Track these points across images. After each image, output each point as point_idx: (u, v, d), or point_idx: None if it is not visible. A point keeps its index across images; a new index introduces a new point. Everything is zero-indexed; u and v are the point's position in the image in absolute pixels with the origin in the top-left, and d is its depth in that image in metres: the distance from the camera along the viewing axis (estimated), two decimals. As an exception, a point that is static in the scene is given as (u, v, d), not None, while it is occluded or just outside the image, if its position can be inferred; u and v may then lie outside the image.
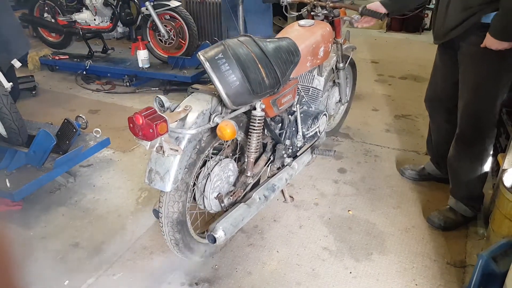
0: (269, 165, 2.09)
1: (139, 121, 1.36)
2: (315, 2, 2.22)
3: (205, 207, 1.79)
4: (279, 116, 2.04)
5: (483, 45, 1.72)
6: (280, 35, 2.03)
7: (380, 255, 1.96)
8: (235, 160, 1.90)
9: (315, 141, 2.35)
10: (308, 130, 2.18)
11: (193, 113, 1.54)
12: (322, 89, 2.32)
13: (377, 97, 3.76)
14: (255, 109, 1.73)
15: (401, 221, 2.17)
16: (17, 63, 2.83)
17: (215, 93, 1.60)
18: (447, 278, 1.82)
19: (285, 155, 2.10)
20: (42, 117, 3.38)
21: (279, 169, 2.10)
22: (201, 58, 1.51)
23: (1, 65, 2.64)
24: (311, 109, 2.31)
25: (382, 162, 2.72)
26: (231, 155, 1.91)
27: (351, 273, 1.86)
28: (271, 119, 2.01)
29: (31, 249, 2.03)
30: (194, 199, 1.77)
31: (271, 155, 2.07)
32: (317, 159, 2.47)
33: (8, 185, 2.17)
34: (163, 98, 1.56)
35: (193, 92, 1.66)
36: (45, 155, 2.30)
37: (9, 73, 2.87)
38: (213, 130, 1.61)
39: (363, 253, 1.97)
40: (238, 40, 1.63)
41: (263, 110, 1.74)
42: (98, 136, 2.64)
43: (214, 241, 1.62)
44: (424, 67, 4.38)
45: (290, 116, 2.12)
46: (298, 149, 2.21)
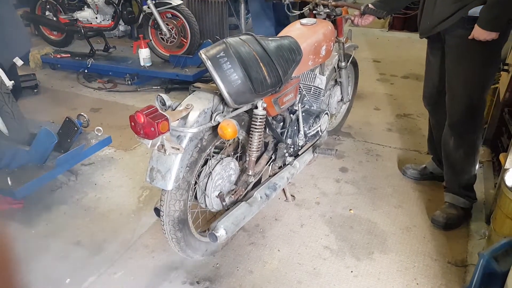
0: (270, 164, 2.08)
1: (140, 119, 1.36)
2: (317, 0, 2.22)
3: (206, 206, 1.79)
4: (280, 115, 2.04)
5: (471, 37, 1.76)
6: (282, 33, 2.03)
7: (381, 254, 1.96)
8: (236, 158, 1.89)
9: (317, 140, 2.35)
10: (309, 129, 2.18)
11: (194, 111, 1.54)
12: (324, 88, 2.32)
13: (379, 96, 3.75)
14: (256, 107, 1.73)
15: (403, 220, 2.17)
16: (19, 61, 2.83)
17: (217, 92, 1.60)
18: (448, 277, 1.82)
19: (287, 154, 2.10)
20: (43, 115, 3.39)
21: (280, 168, 2.10)
22: (203, 56, 1.51)
23: (3, 63, 2.64)
24: (312, 108, 2.31)
25: (383, 161, 2.72)
26: (232, 153, 1.91)
27: (352, 272, 1.86)
28: (272, 118, 2.01)
29: (33, 248, 2.03)
30: (195, 197, 1.77)
31: (272, 154, 2.06)
32: (319, 158, 2.47)
33: (9, 183, 2.17)
34: (165, 96, 1.56)
35: (195, 90, 1.65)
36: (47, 153, 2.30)
37: (11, 71, 2.88)
38: (215, 128, 1.61)
39: (364, 252, 1.97)
40: (239, 38, 1.63)
41: (264, 109, 1.74)
42: (99, 134, 2.64)
43: (215, 239, 1.62)
44: (426, 66, 4.35)
45: (291, 115, 2.11)
46: (299, 148, 2.21)
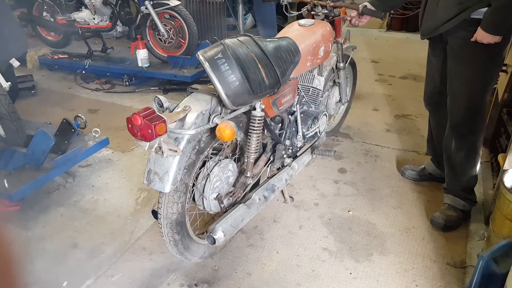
0: (269, 165, 2.08)
1: (137, 121, 1.35)
2: (316, 1, 2.21)
3: (204, 208, 1.78)
4: (279, 116, 2.03)
5: (473, 39, 1.76)
6: (280, 34, 2.02)
7: (380, 255, 1.95)
8: (234, 160, 1.88)
9: (315, 141, 2.34)
10: (308, 130, 2.17)
11: (192, 113, 1.53)
12: (322, 89, 2.31)
13: (377, 96, 3.75)
14: (255, 109, 1.72)
15: (402, 222, 2.16)
16: (15, 63, 2.82)
17: (215, 93, 1.59)
18: (447, 279, 1.82)
19: (285, 156, 2.09)
20: (41, 116, 3.37)
21: (279, 169, 2.09)
22: (201, 58, 1.50)
23: (-1, 64, 2.64)
24: (311, 109, 2.30)
25: (382, 162, 2.71)
26: (230, 155, 1.90)
27: (351, 273, 1.86)
28: (271, 119, 2.00)
29: (30, 250, 2.02)
30: (193, 200, 1.76)
31: (271, 156, 2.06)
32: (317, 159, 2.46)
33: (6, 185, 2.16)
34: (162, 98, 1.55)
35: (193, 92, 1.64)
36: (44, 155, 2.29)
37: (8, 72, 2.86)
38: (213, 130, 1.60)
39: (363, 253, 1.96)
40: (237, 39, 1.62)
41: (263, 110, 1.73)
42: (97, 136, 2.63)
43: (213, 242, 1.61)
44: (424, 66, 4.31)
45: (290, 116, 2.11)
46: (298, 149, 2.21)
